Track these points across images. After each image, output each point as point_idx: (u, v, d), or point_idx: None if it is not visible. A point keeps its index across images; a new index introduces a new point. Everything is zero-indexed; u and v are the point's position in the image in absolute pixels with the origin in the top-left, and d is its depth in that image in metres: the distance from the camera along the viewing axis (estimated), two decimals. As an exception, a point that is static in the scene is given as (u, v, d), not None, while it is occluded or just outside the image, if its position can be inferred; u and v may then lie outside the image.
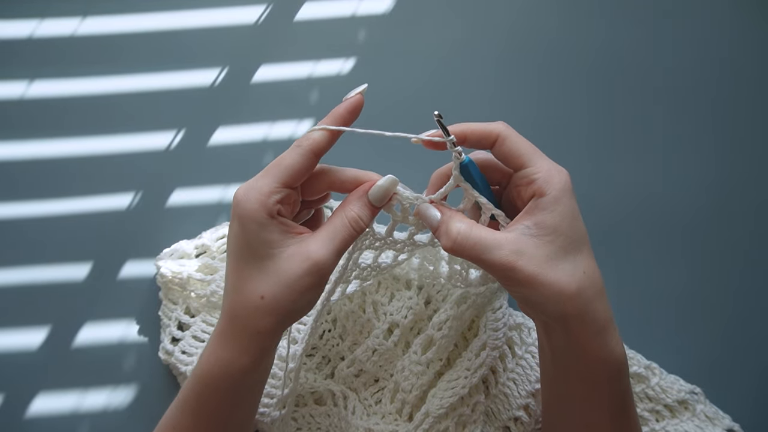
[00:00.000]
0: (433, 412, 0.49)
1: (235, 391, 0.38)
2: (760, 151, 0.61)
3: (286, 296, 0.36)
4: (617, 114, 0.61)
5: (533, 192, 0.36)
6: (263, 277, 0.36)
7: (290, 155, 0.37)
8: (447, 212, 0.38)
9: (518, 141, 0.37)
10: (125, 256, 0.57)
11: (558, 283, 0.34)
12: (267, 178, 0.36)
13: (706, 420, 0.51)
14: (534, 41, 0.63)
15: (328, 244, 0.36)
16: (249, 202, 0.35)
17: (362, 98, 0.38)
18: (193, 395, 0.39)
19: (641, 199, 0.59)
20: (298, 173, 0.37)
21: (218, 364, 0.37)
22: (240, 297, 0.36)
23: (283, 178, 0.36)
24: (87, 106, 0.60)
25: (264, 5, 0.63)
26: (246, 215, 0.35)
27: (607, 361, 0.36)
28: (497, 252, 0.35)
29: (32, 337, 0.55)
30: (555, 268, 0.34)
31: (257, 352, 0.37)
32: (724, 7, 0.64)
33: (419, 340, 0.51)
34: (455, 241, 0.36)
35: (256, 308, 0.36)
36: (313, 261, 0.35)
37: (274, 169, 0.36)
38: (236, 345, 0.37)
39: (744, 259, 0.58)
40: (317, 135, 0.37)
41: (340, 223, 0.37)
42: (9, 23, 0.62)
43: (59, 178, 0.58)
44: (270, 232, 0.36)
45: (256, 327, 0.36)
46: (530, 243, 0.35)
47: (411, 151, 0.59)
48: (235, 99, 0.61)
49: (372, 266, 0.45)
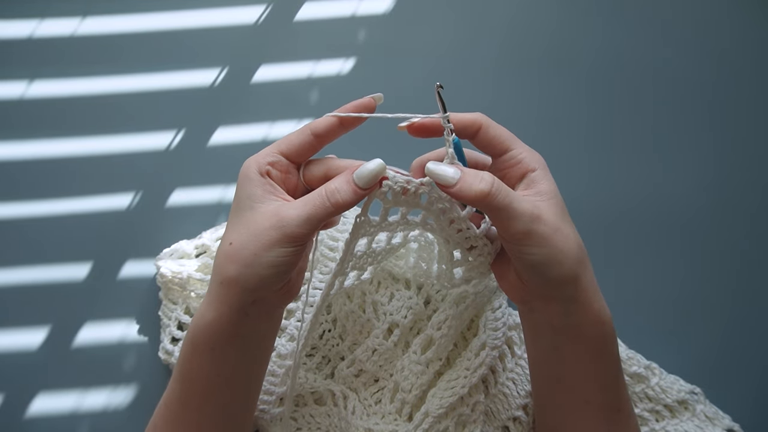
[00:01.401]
0: (432, 412, 0.49)
1: (213, 347, 0.39)
2: (760, 151, 0.61)
3: (249, 245, 0.37)
4: (616, 113, 0.61)
5: (524, 170, 0.39)
6: (236, 227, 0.38)
7: (292, 132, 0.41)
8: (464, 168, 0.38)
9: (499, 128, 0.40)
10: (125, 256, 0.57)
11: (569, 240, 0.37)
12: (268, 148, 0.40)
13: (706, 420, 0.51)
14: (533, 41, 0.63)
15: (300, 208, 0.37)
16: (247, 162, 0.40)
17: (374, 103, 0.41)
18: (180, 360, 0.41)
19: (641, 198, 0.59)
20: (292, 144, 0.40)
21: (196, 321, 0.39)
22: (219, 246, 0.39)
23: (280, 146, 0.40)
24: (87, 106, 0.60)
25: (264, 5, 0.63)
26: (242, 173, 0.39)
27: (605, 321, 0.40)
28: (524, 204, 0.37)
29: (32, 337, 0.55)
30: (565, 226, 0.38)
31: (225, 304, 0.38)
32: (723, 6, 0.64)
33: (419, 339, 0.51)
34: (493, 186, 0.36)
35: (225, 255, 0.38)
36: (281, 217, 0.37)
37: (276, 142, 0.41)
38: (209, 297, 0.39)
39: (744, 259, 0.58)
40: (321, 119, 0.40)
41: (317, 193, 0.38)
42: (9, 23, 0.62)
43: (59, 178, 0.58)
44: (254, 187, 0.38)
45: (222, 274, 0.38)
46: (544, 205, 0.38)
47: (410, 146, 0.59)
48: (235, 99, 0.61)
49: (367, 253, 0.45)
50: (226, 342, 0.39)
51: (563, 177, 0.60)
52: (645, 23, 0.64)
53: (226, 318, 0.38)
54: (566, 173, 0.60)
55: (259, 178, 0.39)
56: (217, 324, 0.38)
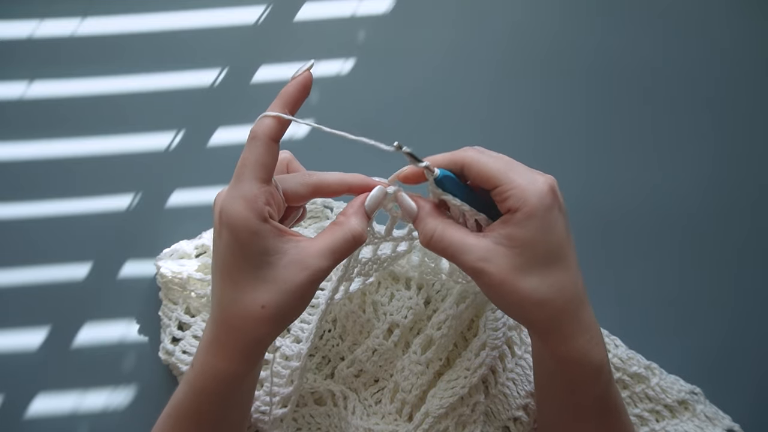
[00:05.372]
0: (432, 412, 0.49)
1: (231, 395, 0.39)
2: (760, 151, 0.61)
3: (289, 304, 0.36)
4: (617, 114, 0.61)
5: (506, 208, 0.36)
6: (263, 287, 0.35)
7: (252, 151, 0.35)
8: (424, 207, 0.38)
9: (486, 162, 0.36)
10: (125, 256, 0.57)
11: (522, 292, 0.35)
12: (244, 182, 0.35)
13: (706, 420, 0.51)
14: (534, 41, 0.63)
15: (329, 256, 0.36)
16: (237, 209, 0.35)
17: (311, 75, 0.37)
18: (187, 402, 0.39)
19: (641, 198, 0.59)
20: (268, 166, 0.36)
21: (213, 373, 0.37)
22: (237, 308, 0.36)
23: (258, 175, 0.35)
24: (87, 106, 0.60)
25: (264, 5, 0.63)
26: (237, 224, 0.34)
27: (580, 363, 0.37)
28: (467, 256, 0.36)
29: (32, 337, 0.55)
30: (520, 278, 0.35)
31: (255, 359, 0.38)
32: (723, 7, 0.64)
33: (419, 340, 0.51)
34: (430, 240, 0.37)
35: (257, 318, 0.35)
36: (313, 270, 0.36)
37: (244, 170, 0.35)
38: (234, 354, 0.37)
39: (744, 259, 0.58)
40: (269, 121, 0.36)
41: (342, 236, 0.37)
42: (9, 23, 0.62)
43: (59, 178, 0.58)
44: (264, 239, 0.35)
45: (257, 336, 0.36)
46: (499, 251, 0.35)
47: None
48: (235, 99, 0.61)
49: (372, 260, 0.45)
50: (248, 387, 0.41)
51: (563, 177, 0.60)
52: (645, 23, 0.64)
53: (243, 369, 0.38)
54: (566, 173, 0.60)
55: (266, 227, 0.35)
56: (232, 375, 0.38)
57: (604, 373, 0.38)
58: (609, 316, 0.54)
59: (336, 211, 0.57)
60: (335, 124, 0.54)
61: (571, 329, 0.36)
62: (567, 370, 0.38)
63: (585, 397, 0.39)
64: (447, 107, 0.61)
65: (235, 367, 0.37)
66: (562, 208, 0.36)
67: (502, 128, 0.61)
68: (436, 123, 0.61)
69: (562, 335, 0.36)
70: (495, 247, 0.36)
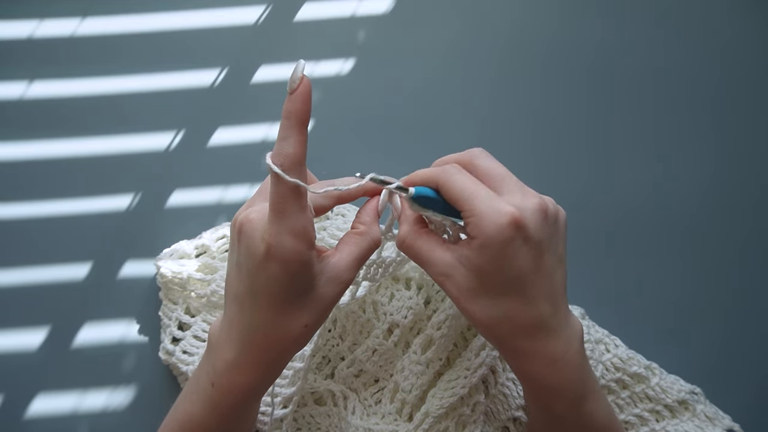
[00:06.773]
0: (432, 412, 0.49)
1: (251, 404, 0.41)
2: (760, 151, 0.61)
3: (324, 318, 0.38)
4: (617, 114, 0.61)
5: (467, 233, 0.36)
6: (307, 308, 0.36)
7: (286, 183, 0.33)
8: (405, 211, 0.40)
9: (454, 184, 0.36)
10: (125, 256, 0.57)
11: (472, 313, 0.37)
12: (290, 216, 0.33)
13: (706, 420, 0.51)
14: (534, 41, 0.63)
15: (356, 266, 0.38)
16: (290, 245, 0.33)
17: (309, 83, 0.35)
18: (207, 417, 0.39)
19: (641, 199, 0.59)
20: (305, 194, 0.34)
21: (240, 389, 0.38)
22: (281, 331, 0.36)
23: (302, 204, 0.34)
24: (87, 106, 0.60)
25: (264, 5, 0.63)
26: (290, 258, 0.34)
27: (539, 386, 0.38)
28: (431, 268, 0.38)
29: (32, 337, 0.55)
30: (472, 299, 0.36)
31: (281, 371, 0.40)
32: (723, 6, 0.64)
33: (419, 340, 0.51)
34: (402, 245, 0.39)
35: (297, 338, 0.37)
36: (345, 283, 0.37)
37: (286, 204, 0.33)
38: (261, 370, 0.38)
39: (744, 259, 0.58)
40: (292, 150, 0.33)
41: (366, 246, 0.39)
42: (9, 23, 0.62)
43: (59, 178, 0.58)
44: (312, 266, 0.35)
45: (293, 351, 0.38)
46: (459, 270, 0.36)
47: (407, 154, 0.59)
48: (235, 99, 0.61)
49: (377, 262, 0.45)
50: (258, 398, 0.41)
51: (563, 177, 0.60)
52: (645, 23, 0.63)
53: (269, 381, 0.39)
54: (566, 173, 0.60)
55: (313, 254, 0.35)
56: (257, 389, 0.39)
57: (566, 398, 0.38)
58: (609, 316, 0.54)
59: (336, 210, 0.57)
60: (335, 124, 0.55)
61: (524, 355, 0.37)
62: (527, 387, 0.40)
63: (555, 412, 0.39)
64: (447, 107, 0.61)
65: (260, 380, 0.38)
66: (531, 240, 0.34)
67: (502, 128, 0.61)
68: (436, 123, 0.61)
69: (515, 357, 0.38)
70: (456, 265, 0.36)
